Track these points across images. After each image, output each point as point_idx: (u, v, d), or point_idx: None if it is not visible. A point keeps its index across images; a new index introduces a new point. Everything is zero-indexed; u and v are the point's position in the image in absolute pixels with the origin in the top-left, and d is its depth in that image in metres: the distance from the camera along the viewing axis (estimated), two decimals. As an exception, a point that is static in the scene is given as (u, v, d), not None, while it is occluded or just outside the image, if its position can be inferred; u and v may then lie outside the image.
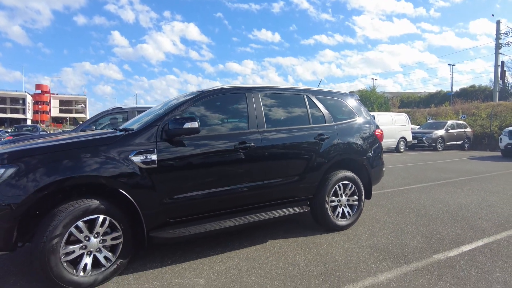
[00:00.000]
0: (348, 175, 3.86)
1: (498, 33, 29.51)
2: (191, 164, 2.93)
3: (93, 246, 2.53)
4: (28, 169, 2.36)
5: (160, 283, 2.62)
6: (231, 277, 2.72)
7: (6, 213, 2.28)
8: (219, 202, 3.08)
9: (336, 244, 3.45)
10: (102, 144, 2.63)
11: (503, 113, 19.15)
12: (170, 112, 2.98)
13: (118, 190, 2.57)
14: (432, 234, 3.75)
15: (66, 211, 2.37)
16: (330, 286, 2.56)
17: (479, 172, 8.63)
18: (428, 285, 2.57)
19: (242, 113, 3.34)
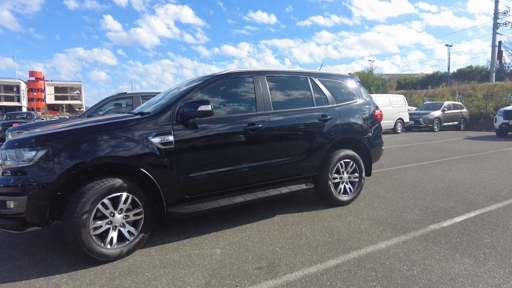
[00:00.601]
0: (349, 154, 4.07)
1: (496, 12, 29.26)
2: (204, 145, 3.12)
3: (118, 222, 2.75)
4: (57, 151, 2.55)
5: (180, 254, 2.87)
6: (245, 247, 2.97)
7: (41, 191, 2.48)
8: (230, 179, 3.29)
9: (339, 218, 3.71)
10: (124, 127, 2.80)
11: (499, 94, 19.36)
12: (183, 96, 3.14)
13: (139, 169, 2.77)
14: (428, 208, 4.01)
15: (93, 189, 2.57)
16: (335, 253, 2.82)
17: (474, 151, 8.91)
18: (424, 251, 2.83)
19: (250, 96, 3.50)
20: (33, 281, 2.46)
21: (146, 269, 2.61)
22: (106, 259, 2.67)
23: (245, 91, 3.52)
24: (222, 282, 2.38)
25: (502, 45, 30.31)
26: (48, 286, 2.38)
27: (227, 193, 3.32)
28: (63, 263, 2.73)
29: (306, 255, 2.78)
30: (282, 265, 2.62)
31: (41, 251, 2.99)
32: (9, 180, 2.55)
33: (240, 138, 3.31)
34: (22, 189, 2.49)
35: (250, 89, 3.52)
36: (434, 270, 2.50)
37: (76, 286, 2.37)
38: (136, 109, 4.09)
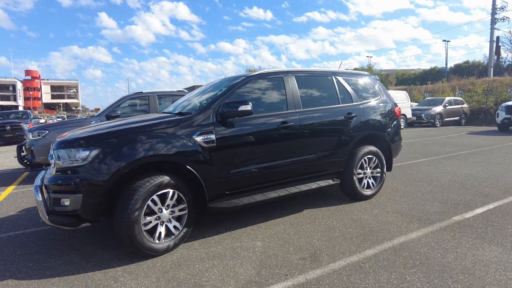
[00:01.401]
0: (372, 150, 4.23)
1: (494, 7, 29.49)
2: (241, 142, 3.26)
3: (165, 217, 2.88)
4: (110, 150, 2.67)
5: (223, 247, 3.01)
6: (283, 239, 3.12)
7: (96, 189, 2.61)
8: (265, 175, 3.44)
9: (365, 211, 3.87)
10: (170, 127, 2.93)
11: (498, 89, 19.63)
12: (221, 96, 3.27)
13: (185, 166, 2.90)
14: (447, 200, 4.19)
15: (144, 187, 2.70)
16: (371, 243, 2.98)
17: (479, 146, 9.12)
18: (453, 240, 3.00)
19: (281, 95, 3.64)
20: (90, 274, 2.59)
21: (195, 261, 2.75)
22: (155, 253, 2.81)
23: (276, 90, 3.65)
24: (272, 272, 2.53)
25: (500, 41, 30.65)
26: (106, 278, 2.52)
27: (261, 188, 3.47)
28: (113, 258, 2.86)
29: (344, 246, 2.94)
30: (323, 256, 2.77)
31: (87, 247, 3.12)
32: (64, 178, 2.68)
33: (274, 135, 3.45)
34: (78, 187, 2.61)
35: (281, 89, 3.66)
36: (467, 257, 2.66)
37: (133, 278, 2.50)
38: (168, 109, 4.21)
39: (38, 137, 6.15)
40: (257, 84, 3.56)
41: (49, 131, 6.16)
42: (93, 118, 6.59)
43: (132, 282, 2.45)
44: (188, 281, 2.44)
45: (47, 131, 6.15)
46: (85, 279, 2.52)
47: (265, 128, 3.40)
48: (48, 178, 2.80)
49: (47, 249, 3.10)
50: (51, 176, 2.77)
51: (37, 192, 2.74)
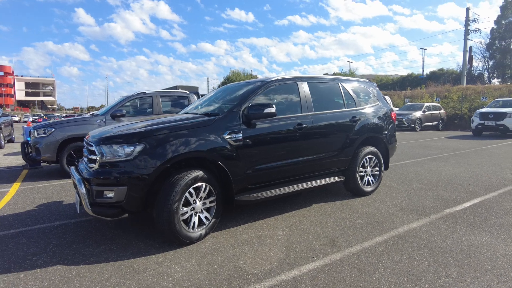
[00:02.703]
0: (372, 150, 4.68)
1: (467, 19, 31.38)
2: (264, 141, 3.59)
3: (198, 208, 3.16)
4: (153, 146, 2.93)
5: (249, 236, 3.33)
6: (301, 229, 3.48)
7: (141, 182, 2.86)
8: (282, 172, 3.78)
9: (368, 205, 4.29)
10: (203, 126, 3.22)
11: (472, 96, 20.99)
12: (245, 99, 3.59)
13: (217, 162, 3.20)
14: (437, 196, 4.70)
15: (183, 180, 2.97)
16: (379, 232, 3.39)
17: (458, 149, 9.89)
18: (448, 228, 3.46)
19: (295, 99, 4.00)
20: (133, 260, 2.83)
21: (227, 248, 3.05)
22: (190, 241, 3.08)
23: (291, 94, 4.01)
24: (300, 255, 2.87)
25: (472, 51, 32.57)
26: (150, 263, 2.77)
27: (278, 184, 3.80)
28: (148, 247, 3.10)
29: (356, 234, 3.33)
30: (341, 242, 3.15)
31: (120, 238, 3.34)
32: (109, 172, 2.90)
33: (291, 136, 3.80)
34: (122, 180, 2.84)
35: (295, 93, 4.02)
36: (462, 242, 3.12)
37: (175, 263, 2.77)
38: (187, 109, 4.48)
39: (44, 135, 6.19)
40: (275, 88, 3.90)
41: (56, 128, 6.22)
42: (98, 117, 6.69)
43: (176, 266, 2.71)
44: (227, 264, 2.73)
45: (53, 129, 6.20)
46: (130, 264, 2.76)
47: (284, 128, 3.75)
48: (91, 171, 3.00)
49: (82, 240, 3.29)
50: (94, 170, 2.98)
51: (81, 185, 2.94)
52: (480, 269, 2.59)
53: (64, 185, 5.77)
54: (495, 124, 12.69)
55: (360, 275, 2.53)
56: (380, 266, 2.67)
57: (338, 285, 2.40)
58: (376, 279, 2.47)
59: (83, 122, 6.49)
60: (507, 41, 50.79)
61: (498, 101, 14.63)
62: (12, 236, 3.44)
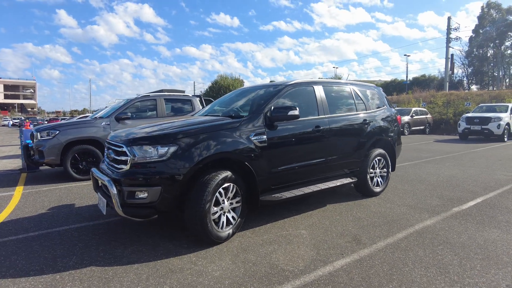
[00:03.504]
0: (381, 152, 4.86)
1: (448, 28, 32.74)
2: (286, 143, 3.69)
3: (226, 208, 3.22)
4: (186, 147, 2.98)
5: (275, 235, 3.41)
6: (323, 228, 3.59)
7: (175, 182, 2.90)
8: (302, 173, 3.89)
9: (379, 205, 4.45)
10: (231, 128, 3.29)
11: (455, 101, 21.86)
12: (266, 102, 3.69)
13: (244, 162, 3.27)
14: (442, 196, 4.92)
15: (214, 180, 3.02)
16: (398, 229, 3.54)
17: (449, 152, 10.30)
18: (460, 225, 3.65)
19: (312, 102, 4.13)
20: (166, 260, 2.86)
21: (256, 246, 3.12)
22: (219, 240, 3.13)
23: (309, 97, 4.14)
24: (329, 252, 2.98)
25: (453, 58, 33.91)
26: (185, 263, 2.81)
27: (298, 185, 3.90)
28: (178, 247, 3.13)
29: (377, 232, 3.47)
30: (364, 239, 3.28)
31: (146, 239, 3.35)
32: (142, 173, 2.92)
33: (310, 138, 3.93)
34: (156, 180, 2.88)
35: (312, 96, 4.15)
36: (477, 237, 3.31)
37: (210, 262, 2.82)
38: (204, 111, 4.53)
39: (47, 137, 6.07)
40: (294, 92, 4.02)
41: (60, 131, 6.12)
42: (102, 119, 6.61)
43: (211, 265, 2.76)
44: (261, 262, 2.81)
45: (57, 131, 6.09)
46: (165, 264, 2.79)
47: (303, 130, 3.86)
48: (121, 172, 3.02)
49: (106, 242, 3.28)
50: (125, 171, 2.99)
51: (112, 186, 2.94)
52: (500, 262, 2.77)
53: (70, 188, 5.67)
54: (480, 128, 13.28)
55: (391, 269, 2.65)
56: (408, 260, 2.81)
57: (374, 279, 2.51)
58: (407, 272, 2.60)
59: (87, 125, 6.41)
60: (484, 49, 53.22)
61: (482, 106, 15.33)
62: (34, 239, 3.39)
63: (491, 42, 51.64)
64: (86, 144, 6.26)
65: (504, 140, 13.06)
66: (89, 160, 6.33)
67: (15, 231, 3.65)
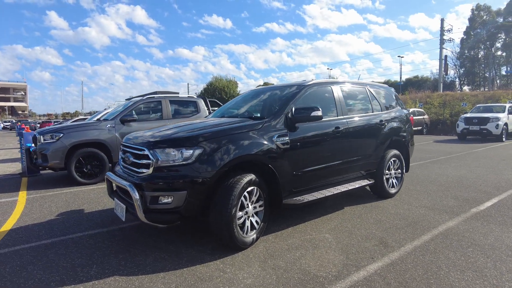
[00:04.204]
0: (396, 153, 4.82)
1: (442, 30, 33.16)
2: (307, 145, 3.61)
3: (250, 212, 3.13)
4: (211, 150, 2.87)
5: (298, 239, 3.32)
6: (346, 231, 3.51)
7: (200, 186, 2.79)
8: (322, 175, 3.82)
9: (397, 207, 4.40)
10: (254, 129, 3.20)
11: (451, 102, 22.09)
12: (287, 103, 3.61)
13: (268, 165, 3.18)
14: (457, 197, 4.89)
15: (239, 184, 2.92)
16: (421, 231, 3.48)
17: (451, 152, 10.35)
18: (484, 227, 3.61)
19: (331, 102, 4.06)
20: (193, 268, 2.74)
21: (282, 251, 3.03)
22: (244, 246, 3.03)
23: (327, 98, 4.07)
24: (358, 256, 2.90)
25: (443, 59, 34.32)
26: (212, 270, 2.70)
27: (318, 187, 3.83)
28: (201, 253, 3.02)
29: (401, 234, 3.41)
30: (390, 242, 3.21)
31: (166, 245, 3.23)
32: (166, 177, 2.81)
33: (330, 139, 3.86)
34: (182, 185, 2.77)
35: (331, 96, 4.09)
36: (504, 238, 3.27)
37: (239, 269, 2.72)
38: (216, 113, 4.43)
39: (51, 140, 5.89)
40: (312, 92, 3.95)
41: (64, 134, 5.94)
42: (107, 122, 6.45)
43: (241, 272, 2.66)
44: (292, 268, 2.71)
45: (61, 134, 5.92)
46: (192, 272, 2.68)
47: (324, 131, 3.79)
48: (143, 176, 2.90)
49: (125, 249, 3.16)
50: (147, 175, 2.87)
51: (134, 191, 2.82)
52: (534, 264, 2.73)
53: (76, 193, 5.50)
54: (479, 129, 13.41)
55: (426, 273, 2.59)
56: (440, 263, 2.74)
57: (411, 283, 2.44)
58: (444, 276, 2.54)
59: (92, 127, 6.25)
60: (475, 50, 54.11)
61: (479, 107, 15.50)
62: (47, 247, 3.25)
63: (482, 44, 52.58)
64: (91, 147, 6.10)
65: (502, 140, 13.21)
66: (93, 163, 6.16)
67: (26, 238, 3.50)
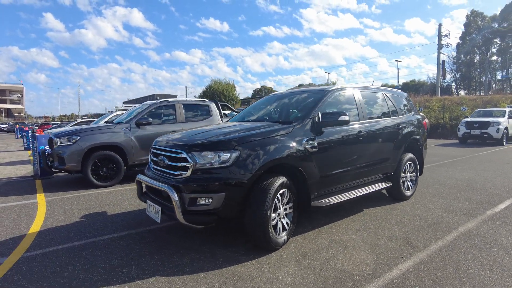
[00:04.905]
0: (411, 156, 4.95)
1: (440, 35, 33.63)
2: (333, 148, 3.72)
3: (281, 214, 3.22)
4: (247, 152, 2.97)
5: (326, 240, 3.42)
6: (371, 233, 3.62)
7: (238, 188, 2.89)
8: (345, 178, 3.93)
9: (414, 209, 4.52)
10: (285, 133, 3.30)
11: (450, 106, 22.40)
12: (313, 107, 3.72)
13: (298, 168, 3.28)
14: (470, 199, 5.02)
15: (273, 186, 3.02)
16: (443, 232, 3.59)
17: (455, 156, 10.53)
18: (502, 228, 3.74)
19: (353, 107, 4.18)
20: (231, 268, 2.82)
21: (314, 252, 3.12)
22: (277, 246, 3.13)
23: (350, 102, 4.19)
24: (388, 256, 3.01)
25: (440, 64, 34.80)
26: (251, 270, 2.78)
27: (341, 190, 3.93)
28: (236, 254, 3.10)
29: (424, 235, 3.52)
30: (416, 242, 3.32)
31: (200, 246, 3.31)
32: (205, 179, 2.90)
33: (353, 142, 3.97)
34: (220, 187, 2.86)
35: (352, 101, 4.21)
36: (524, 239, 3.39)
37: (276, 268, 2.81)
38: (237, 116, 4.54)
39: (68, 143, 5.95)
40: (336, 97, 4.06)
41: (81, 136, 6.00)
42: (122, 125, 6.52)
43: (279, 271, 2.75)
44: (327, 267, 2.81)
45: (78, 137, 5.97)
46: (231, 272, 2.76)
47: (348, 135, 3.90)
48: (181, 179, 2.98)
49: (159, 250, 3.23)
50: (186, 177, 2.96)
51: (173, 193, 2.90)
52: (557, 263, 2.85)
53: (94, 195, 5.56)
54: (480, 133, 13.65)
55: (457, 271, 2.70)
56: (469, 262, 2.86)
57: (444, 281, 2.55)
58: (474, 275, 2.65)
59: (108, 130, 6.31)
60: (471, 55, 54.88)
61: (479, 111, 15.76)
62: (81, 248, 3.31)
63: (477, 49, 53.36)
64: (107, 150, 6.16)
65: (503, 144, 13.45)
66: (109, 166, 6.22)
67: (58, 240, 3.56)
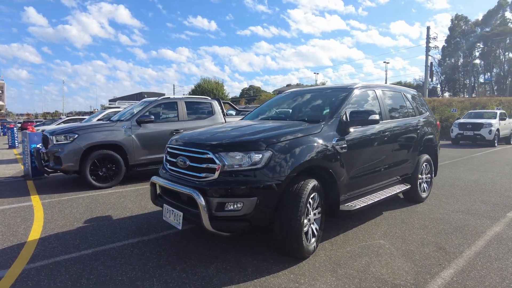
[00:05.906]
0: (427, 158, 4.84)
1: (428, 37, 34.21)
2: (361, 148, 3.55)
3: (311, 219, 3.01)
4: (279, 153, 2.74)
5: (355, 246, 3.23)
6: (399, 238, 3.46)
7: (271, 192, 2.66)
8: (370, 180, 3.76)
9: (433, 212, 4.40)
10: (314, 133, 3.08)
11: (439, 108, 22.79)
12: (339, 106, 3.52)
13: (328, 170, 3.08)
14: (486, 202, 4.96)
15: (306, 190, 2.80)
16: (472, 236, 3.47)
17: (453, 157, 10.61)
18: (528, 231, 3.66)
19: (376, 105, 4.02)
20: (263, 279, 2.60)
21: (347, 260, 2.93)
22: (308, 254, 2.92)
23: (372, 101, 4.03)
24: (426, 263, 2.85)
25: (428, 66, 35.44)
26: (285, 282, 2.56)
27: (366, 193, 3.76)
28: (264, 263, 2.87)
29: (454, 240, 3.39)
30: (448, 247, 3.18)
31: (224, 254, 3.06)
32: (234, 182, 2.65)
33: (379, 143, 3.81)
34: (252, 191, 2.62)
35: (375, 100, 4.05)
36: (555, 243, 3.31)
37: (312, 279, 2.60)
38: (251, 115, 4.31)
39: (65, 141, 5.55)
40: (360, 95, 3.89)
41: (79, 134, 5.61)
42: (123, 122, 6.16)
43: (316, 282, 2.54)
44: (366, 277, 2.62)
45: (76, 135, 5.59)
46: (264, 283, 2.53)
47: (374, 135, 3.73)
48: (206, 182, 2.73)
49: (180, 260, 2.97)
50: (213, 180, 2.71)
51: (199, 197, 2.64)
52: None
53: (94, 197, 5.20)
54: (473, 134, 13.87)
55: (504, 280, 2.56)
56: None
57: (494, 292, 2.40)
58: (522, 284, 2.52)
59: (108, 128, 5.95)
60: (455, 58, 56.35)
61: (471, 113, 16.05)
62: (92, 258, 3.01)
63: (461, 52, 54.83)
64: (107, 149, 5.80)
65: (494, 145, 13.71)
66: (109, 166, 5.86)
67: (63, 248, 3.24)
